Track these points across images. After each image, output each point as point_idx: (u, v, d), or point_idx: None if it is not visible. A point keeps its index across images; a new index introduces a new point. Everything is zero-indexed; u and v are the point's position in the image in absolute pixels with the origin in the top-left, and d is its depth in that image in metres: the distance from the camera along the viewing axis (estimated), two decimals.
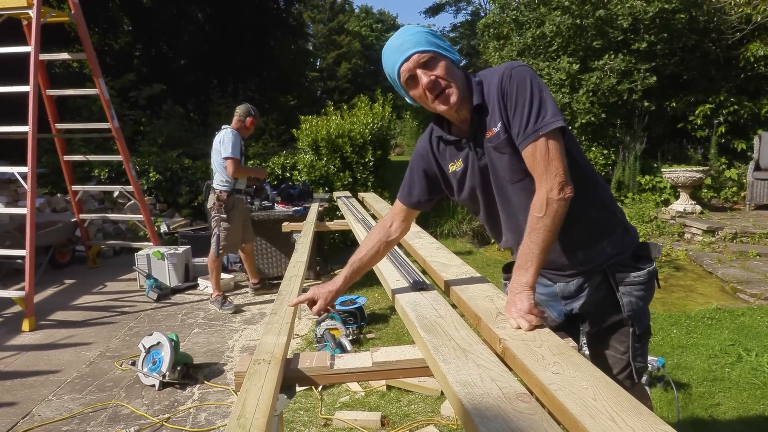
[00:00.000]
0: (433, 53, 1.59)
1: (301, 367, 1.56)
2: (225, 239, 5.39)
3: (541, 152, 1.52)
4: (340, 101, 14.73)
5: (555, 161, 1.52)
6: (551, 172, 1.52)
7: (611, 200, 1.81)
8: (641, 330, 1.78)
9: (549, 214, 1.52)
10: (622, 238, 1.76)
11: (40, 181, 8.23)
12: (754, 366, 3.76)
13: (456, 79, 1.62)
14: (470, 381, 1.23)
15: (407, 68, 1.61)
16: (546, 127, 1.52)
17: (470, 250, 7.76)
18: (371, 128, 8.04)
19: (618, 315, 1.75)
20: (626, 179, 9.55)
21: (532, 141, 1.53)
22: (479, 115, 1.66)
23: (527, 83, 1.55)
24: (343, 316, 4.56)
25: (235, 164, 5.22)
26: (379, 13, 46.98)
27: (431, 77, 1.59)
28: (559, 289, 1.84)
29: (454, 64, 1.64)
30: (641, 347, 1.80)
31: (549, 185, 1.52)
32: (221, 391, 3.71)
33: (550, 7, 10.09)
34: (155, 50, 16.57)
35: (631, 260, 1.75)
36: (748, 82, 10.23)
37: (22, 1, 5.64)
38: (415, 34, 1.61)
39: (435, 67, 1.60)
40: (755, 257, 6.63)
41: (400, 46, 1.61)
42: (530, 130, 1.53)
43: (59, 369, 4.12)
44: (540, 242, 1.53)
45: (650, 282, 1.76)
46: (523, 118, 1.54)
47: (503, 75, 1.59)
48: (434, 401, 3.40)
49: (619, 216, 1.80)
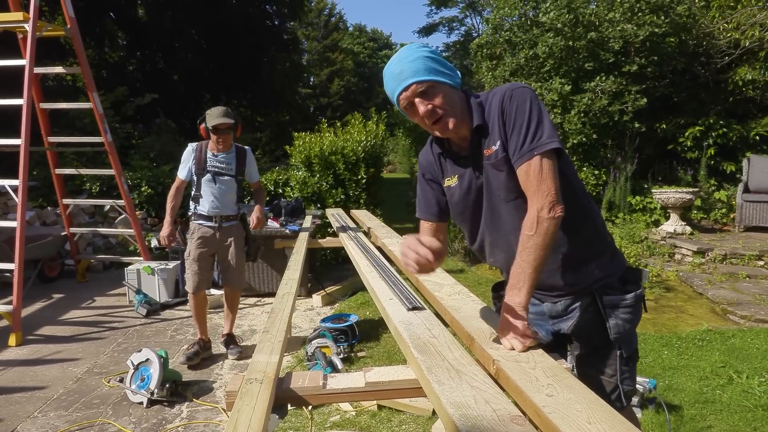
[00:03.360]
0: (431, 81, 1.60)
1: (293, 387, 1.54)
2: (187, 273, 4.49)
3: (535, 171, 1.54)
4: (332, 118, 14.81)
5: (548, 180, 1.53)
6: (543, 191, 1.53)
7: (602, 225, 1.83)
8: (628, 353, 1.79)
9: (540, 233, 1.52)
10: (610, 261, 1.78)
11: (31, 194, 8.18)
12: (745, 388, 3.77)
13: (454, 106, 1.64)
14: (464, 403, 1.23)
15: (406, 97, 1.63)
16: (541, 146, 1.54)
17: (462, 268, 7.76)
18: (364, 146, 8.07)
19: (605, 337, 1.75)
20: (617, 199, 9.61)
21: (527, 159, 1.55)
22: (479, 136, 1.68)
23: (527, 104, 1.57)
24: (335, 334, 4.53)
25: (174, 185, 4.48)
26: (373, 32, 47.36)
27: (428, 107, 1.61)
28: (547, 309, 1.85)
29: (454, 88, 1.65)
30: (629, 370, 1.81)
31: (540, 204, 1.53)
32: (210, 409, 3.67)
33: (543, 28, 10.21)
34: (149, 65, 16.61)
35: (618, 283, 1.77)
36: (736, 106, 10.37)
37: (18, 15, 5.67)
38: (414, 62, 1.61)
39: (433, 97, 1.61)
40: (745, 279, 6.67)
41: (399, 74, 1.62)
42: (526, 148, 1.55)
43: (46, 385, 4.06)
44: (532, 261, 1.53)
45: (637, 306, 1.77)
46: (520, 136, 1.56)
47: (504, 95, 1.61)
48: (425, 421, 3.37)
49: (608, 240, 1.82)
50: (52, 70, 6.93)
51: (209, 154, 4.37)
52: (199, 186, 4.38)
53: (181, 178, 4.42)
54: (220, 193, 4.39)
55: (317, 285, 6.47)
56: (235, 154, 4.47)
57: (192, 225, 4.45)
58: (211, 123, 4.20)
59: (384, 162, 11.16)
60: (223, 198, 4.41)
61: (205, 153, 4.37)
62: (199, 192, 4.39)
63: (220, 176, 4.38)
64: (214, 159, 4.37)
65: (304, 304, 6.14)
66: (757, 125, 9.92)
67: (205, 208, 4.39)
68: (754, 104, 10.35)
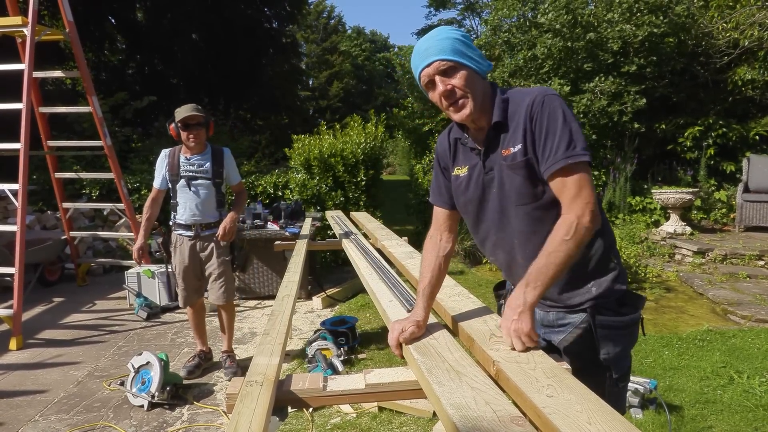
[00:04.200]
0: (454, 62, 1.58)
1: (293, 389, 1.54)
2: (177, 288, 4.37)
3: (574, 179, 1.52)
4: (332, 120, 14.81)
5: (587, 189, 1.52)
6: (584, 198, 1.51)
7: (611, 246, 1.78)
8: (619, 374, 1.74)
9: (575, 238, 1.50)
10: (610, 283, 1.73)
11: (31, 198, 8.18)
12: (746, 388, 3.77)
13: (474, 91, 1.61)
14: (464, 404, 1.22)
15: (427, 73, 1.62)
16: (578, 156, 1.51)
17: (462, 270, 7.76)
18: (364, 148, 8.07)
19: (595, 357, 1.71)
20: (617, 200, 9.61)
21: (562, 166, 1.52)
22: (496, 132, 1.65)
23: (559, 111, 1.55)
24: (335, 337, 4.53)
25: (150, 195, 4.29)
26: (371, 34, 47.41)
27: (448, 86, 1.60)
28: (539, 317, 1.83)
29: (479, 74, 1.63)
30: (619, 391, 1.77)
31: (581, 210, 1.50)
32: (211, 411, 3.66)
33: (542, 29, 10.22)
34: (149, 68, 16.62)
35: (615, 305, 1.72)
36: (736, 105, 10.38)
37: (17, 19, 5.67)
38: (442, 40, 1.60)
39: (454, 76, 1.59)
40: (745, 279, 6.67)
41: (426, 51, 1.61)
42: (561, 155, 1.52)
43: (46, 389, 4.06)
44: (558, 264, 1.51)
45: (632, 329, 1.74)
46: (554, 144, 1.53)
47: (535, 99, 1.58)
48: (426, 423, 3.37)
49: (615, 262, 1.76)
50: (51, 74, 6.94)
51: (182, 158, 4.11)
52: (175, 193, 4.15)
53: (156, 188, 4.19)
54: (196, 200, 4.12)
55: (317, 287, 6.47)
56: (211, 155, 4.17)
57: (173, 236, 4.24)
58: (179, 117, 3.96)
59: (383, 164, 11.17)
60: (200, 205, 4.13)
61: (178, 158, 4.11)
62: (175, 200, 4.16)
63: (195, 181, 4.09)
64: (187, 163, 4.11)
65: (304, 307, 6.14)
66: (756, 125, 9.93)
67: (183, 217, 4.14)
68: (753, 104, 10.36)
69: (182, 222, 4.16)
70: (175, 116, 4.01)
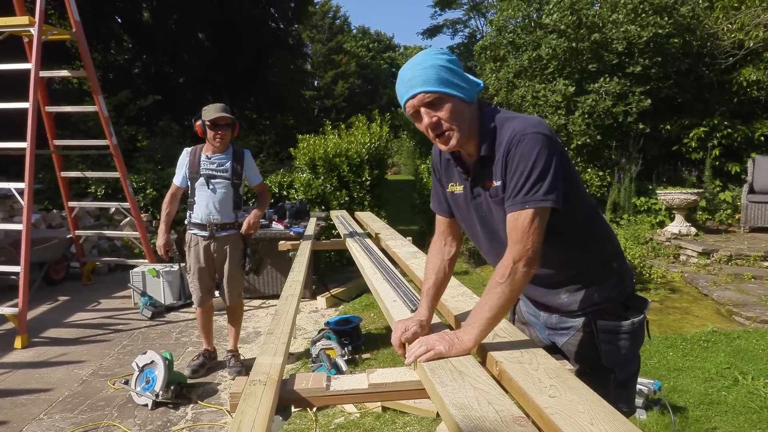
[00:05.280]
0: (440, 94, 1.54)
1: (297, 389, 1.55)
2: (191, 288, 4.41)
3: (523, 223, 1.49)
4: (336, 120, 14.80)
5: (533, 236, 1.49)
6: (524, 244, 1.49)
7: (613, 252, 1.78)
8: (624, 377, 1.73)
9: (509, 283, 1.50)
10: (613, 287, 1.73)
11: (36, 197, 8.21)
12: (751, 390, 3.75)
13: (461, 122, 1.57)
14: (467, 404, 1.23)
15: (412, 105, 1.58)
16: (535, 202, 1.48)
17: (466, 270, 7.75)
18: (368, 148, 8.08)
19: (598, 359, 1.71)
20: (621, 201, 9.59)
21: (518, 209, 1.50)
22: (483, 162, 1.63)
23: (533, 152, 1.49)
24: (339, 336, 4.53)
25: (169, 191, 4.33)
26: (376, 34, 47.40)
27: (433, 119, 1.56)
28: (543, 320, 1.85)
29: (465, 102, 1.58)
30: (626, 392, 1.76)
31: (519, 255, 1.49)
32: (215, 411, 3.67)
33: (547, 30, 10.21)
34: (154, 68, 16.67)
35: (618, 309, 1.72)
36: (741, 106, 10.35)
37: (23, 19, 5.70)
38: (426, 69, 1.54)
39: (440, 108, 1.55)
40: (750, 280, 6.64)
41: (410, 81, 1.56)
42: (519, 199, 1.50)
43: (51, 387, 4.08)
44: (493, 307, 1.51)
45: (636, 332, 1.72)
46: (517, 185, 1.51)
47: (515, 137, 1.53)
48: (430, 423, 3.37)
49: (615, 267, 1.76)
50: (58, 74, 6.97)
51: (203, 156, 4.14)
52: (193, 191, 4.16)
53: (176, 185, 4.23)
54: (214, 199, 4.12)
55: (322, 287, 6.47)
56: (232, 156, 4.20)
57: (188, 235, 4.25)
58: (208, 117, 3.98)
59: (388, 164, 11.16)
60: (217, 204, 4.13)
61: (199, 156, 4.14)
62: (193, 198, 4.17)
63: (214, 179, 4.12)
64: (208, 162, 4.13)
65: (308, 306, 6.15)
66: (762, 126, 9.90)
67: (199, 216, 4.15)
68: (758, 105, 10.32)
69: (198, 221, 4.17)
70: (203, 114, 4.04)
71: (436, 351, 1.52)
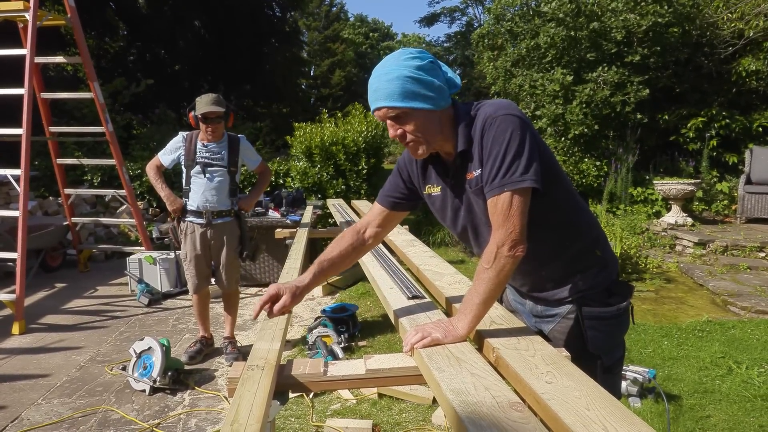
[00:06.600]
0: (404, 109, 1.53)
1: (294, 374, 1.55)
2: (186, 275, 4.40)
3: (503, 206, 1.49)
4: (333, 109, 14.73)
5: (514, 218, 1.48)
6: (507, 228, 1.48)
7: (596, 239, 1.78)
8: (610, 362, 1.74)
9: (495, 268, 1.50)
10: (596, 274, 1.73)
11: (33, 184, 8.19)
12: (745, 379, 3.78)
13: (428, 133, 1.57)
14: (464, 389, 1.23)
15: (378, 116, 1.58)
16: (513, 183, 1.47)
17: (462, 258, 7.77)
18: (365, 136, 8.07)
19: (584, 346, 1.71)
20: (618, 191, 9.61)
21: (496, 194, 1.49)
22: (462, 158, 1.63)
23: (507, 134, 1.49)
24: (335, 324, 4.55)
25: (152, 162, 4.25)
26: (374, 22, 47.12)
27: (398, 131, 1.57)
28: (529, 308, 1.86)
29: (435, 111, 1.57)
30: (612, 378, 1.76)
31: (502, 240, 1.49)
32: (212, 397, 3.69)
33: (545, 18, 10.17)
34: (150, 55, 16.55)
35: (602, 295, 1.73)
36: (739, 97, 10.36)
37: (18, 4, 5.64)
38: (391, 81, 1.51)
39: (405, 122, 1.55)
40: (746, 270, 6.68)
41: (375, 92, 1.55)
42: (497, 183, 1.49)
43: (49, 373, 4.09)
44: (482, 293, 1.52)
45: (621, 318, 1.74)
46: (492, 169, 1.50)
47: (486, 121, 1.53)
48: (426, 410, 3.39)
49: (599, 255, 1.77)
50: (53, 60, 6.92)
51: (199, 144, 4.10)
52: (189, 179, 4.14)
53: (164, 165, 4.17)
54: (210, 187, 4.12)
55: None
56: (227, 143, 4.18)
57: (183, 223, 4.23)
58: (200, 111, 3.95)
59: (385, 153, 11.15)
60: (214, 192, 4.14)
61: (195, 143, 4.10)
62: (188, 186, 4.15)
63: (210, 167, 4.11)
64: (204, 149, 4.10)
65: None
66: (760, 116, 9.92)
67: (195, 203, 4.13)
68: (757, 95, 10.33)
69: (194, 208, 4.16)
70: (196, 105, 4.01)
71: (432, 338, 1.53)
